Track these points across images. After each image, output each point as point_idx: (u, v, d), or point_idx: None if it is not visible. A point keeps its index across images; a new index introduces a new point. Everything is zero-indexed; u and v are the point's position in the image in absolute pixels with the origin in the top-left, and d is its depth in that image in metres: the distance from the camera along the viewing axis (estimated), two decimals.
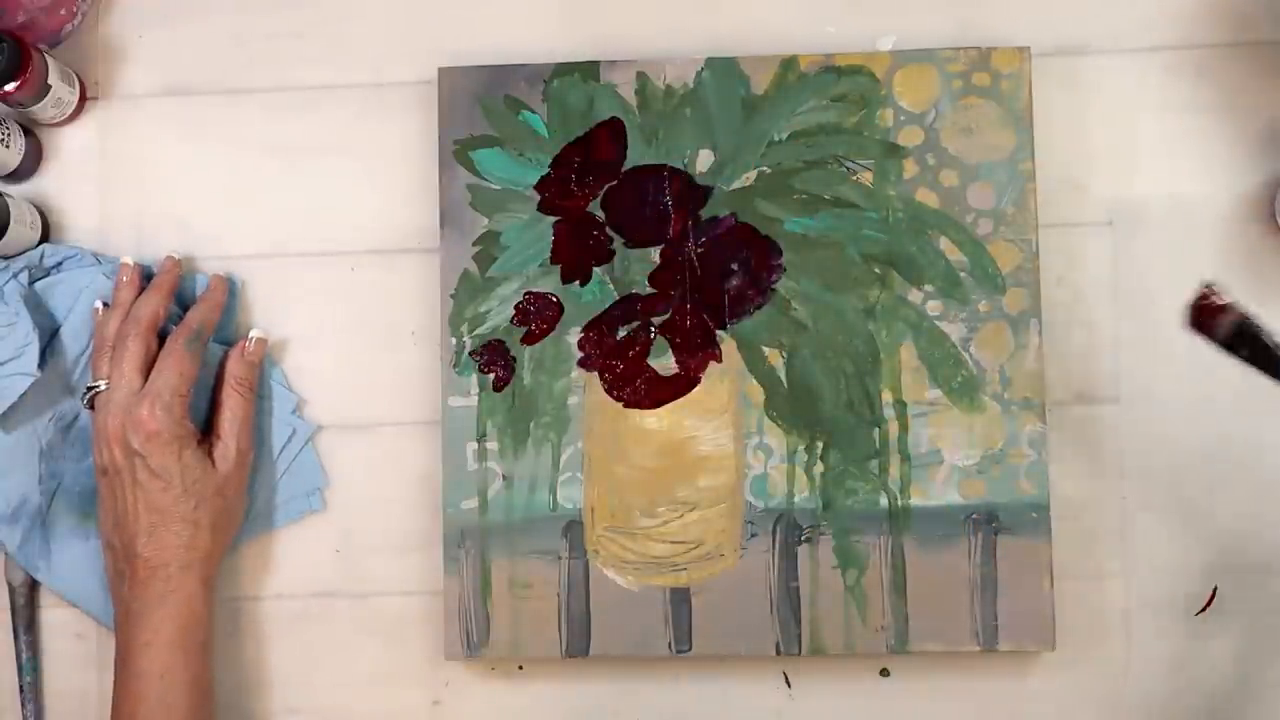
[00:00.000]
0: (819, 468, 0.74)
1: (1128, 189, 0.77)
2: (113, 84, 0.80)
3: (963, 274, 0.74)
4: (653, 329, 0.75)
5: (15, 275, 0.76)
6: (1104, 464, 0.75)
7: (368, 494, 0.78)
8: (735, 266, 0.75)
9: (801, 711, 0.76)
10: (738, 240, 0.75)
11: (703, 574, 0.74)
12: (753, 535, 0.74)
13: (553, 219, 0.76)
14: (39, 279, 0.77)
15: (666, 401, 0.75)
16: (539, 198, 0.76)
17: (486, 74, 0.76)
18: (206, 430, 0.75)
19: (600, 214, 0.76)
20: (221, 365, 0.76)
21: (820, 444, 0.74)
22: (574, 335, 0.75)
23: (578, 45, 0.78)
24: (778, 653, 0.73)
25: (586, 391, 0.75)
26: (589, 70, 0.76)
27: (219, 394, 0.75)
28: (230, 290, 0.78)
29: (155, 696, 0.70)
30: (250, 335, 0.76)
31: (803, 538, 0.74)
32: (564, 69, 0.76)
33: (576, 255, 0.76)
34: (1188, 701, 0.73)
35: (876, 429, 0.74)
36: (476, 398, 0.75)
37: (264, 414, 0.77)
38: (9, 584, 0.77)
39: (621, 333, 0.75)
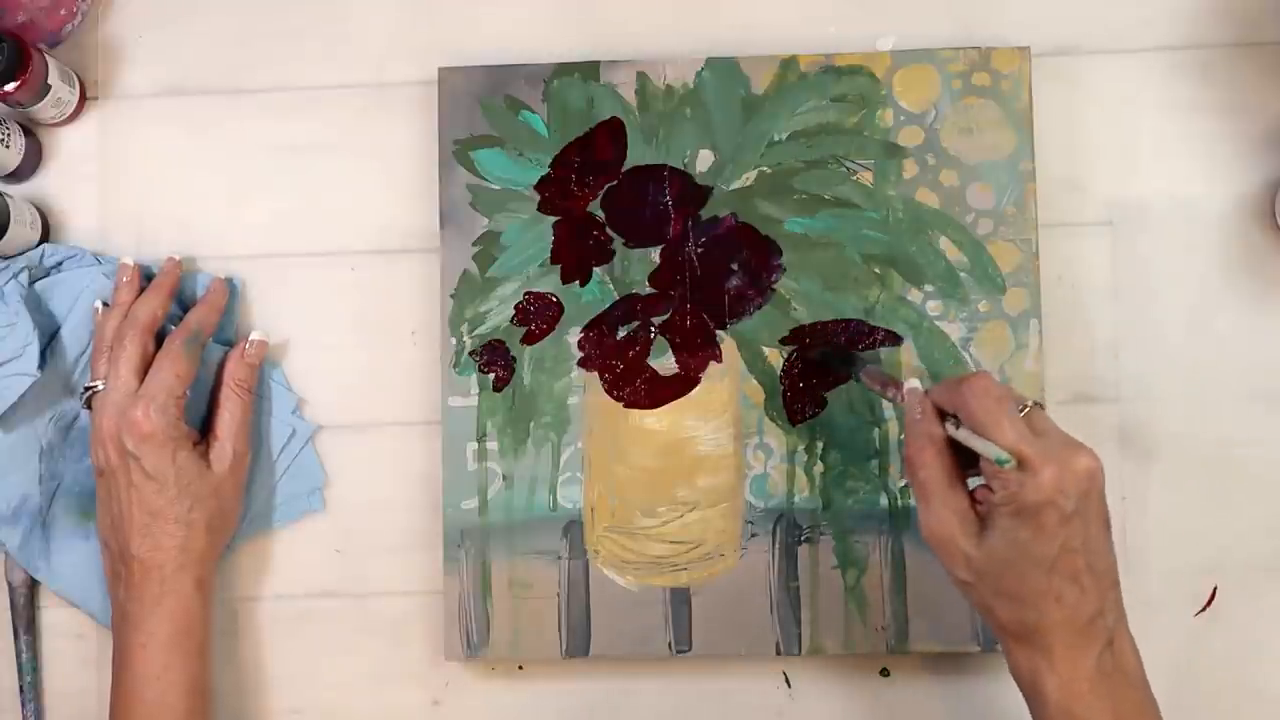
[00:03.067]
0: (819, 468, 0.74)
1: (1128, 189, 0.77)
2: (113, 84, 0.80)
3: (963, 274, 0.74)
4: (653, 329, 0.75)
5: (15, 275, 0.76)
6: (1103, 464, 0.75)
7: (368, 494, 0.78)
8: (735, 266, 0.75)
9: (801, 711, 0.76)
10: (738, 240, 0.75)
11: (703, 574, 0.74)
12: (753, 535, 0.74)
13: (553, 219, 0.76)
14: (39, 279, 0.77)
15: (666, 401, 0.75)
16: (539, 198, 0.76)
17: (486, 74, 0.76)
18: (206, 431, 0.75)
19: (600, 214, 0.76)
20: (221, 366, 0.76)
21: (820, 444, 0.74)
22: (574, 335, 0.75)
23: (578, 45, 0.78)
24: (778, 653, 0.73)
25: (586, 391, 0.75)
26: (589, 70, 0.76)
27: (218, 395, 0.75)
28: (230, 291, 0.78)
29: (152, 697, 0.70)
30: (250, 337, 0.76)
31: (803, 538, 0.74)
32: (564, 69, 0.76)
33: (576, 255, 0.76)
34: (1188, 701, 0.73)
35: (876, 429, 0.74)
36: (476, 398, 0.75)
37: (264, 414, 0.77)
38: (9, 584, 0.77)
39: (621, 333, 0.75)
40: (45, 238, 0.78)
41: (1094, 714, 0.59)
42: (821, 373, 0.74)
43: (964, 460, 0.62)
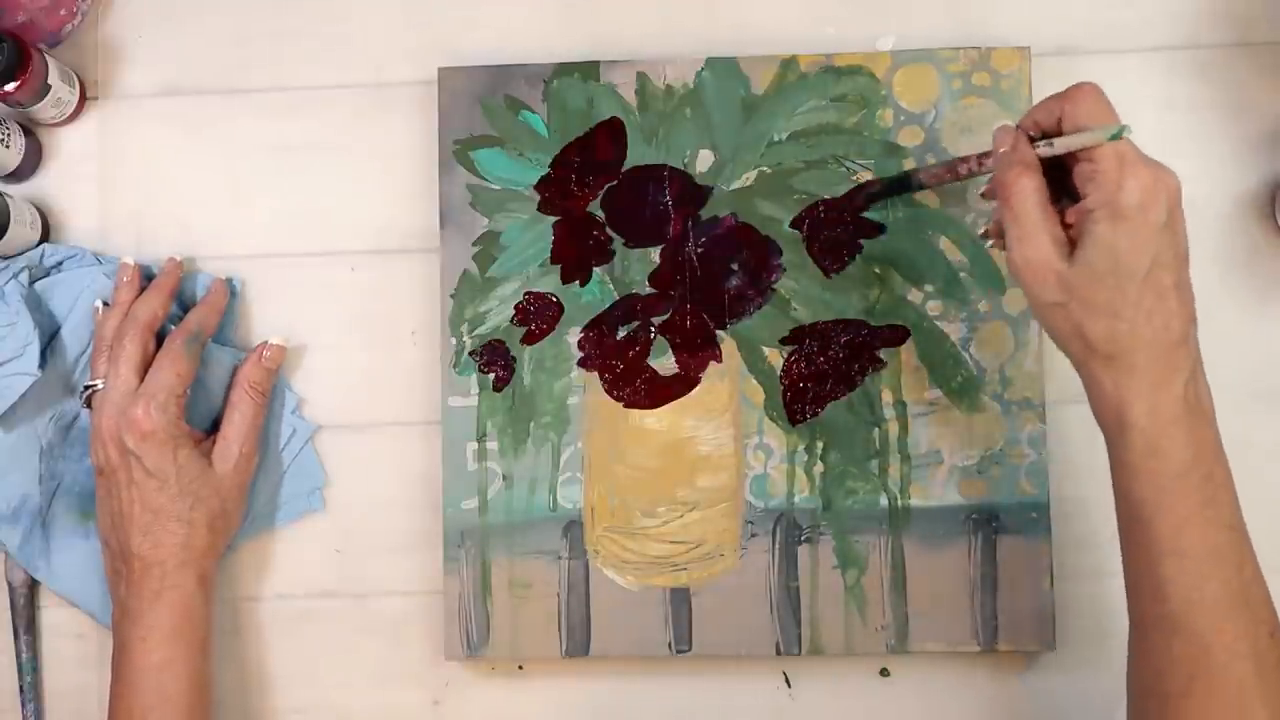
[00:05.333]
0: (819, 468, 0.74)
1: None
2: (113, 84, 0.80)
3: (963, 274, 0.74)
4: (653, 329, 0.75)
5: (15, 275, 0.76)
6: (1104, 464, 0.75)
7: (368, 494, 0.78)
8: (735, 266, 0.75)
9: (801, 711, 0.76)
10: (738, 240, 0.75)
11: (703, 574, 0.74)
12: (753, 535, 0.74)
13: (553, 219, 0.76)
14: (39, 279, 0.77)
15: (666, 401, 0.75)
16: (539, 198, 0.76)
17: (486, 74, 0.76)
18: (213, 431, 0.75)
19: (600, 214, 0.76)
20: (223, 365, 0.76)
21: (820, 444, 0.74)
22: (574, 335, 0.75)
23: (578, 45, 0.78)
24: (778, 653, 0.73)
25: (586, 391, 0.75)
26: (589, 70, 0.76)
27: (231, 396, 0.75)
28: (231, 292, 0.78)
29: (152, 688, 0.70)
30: (269, 340, 0.76)
31: (803, 538, 0.74)
32: (564, 69, 0.76)
33: (576, 255, 0.76)
34: None
35: (876, 429, 0.74)
36: (476, 398, 0.75)
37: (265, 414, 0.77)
38: (9, 584, 0.77)
39: (621, 333, 0.75)
40: (45, 238, 0.78)
41: (1177, 447, 0.59)
42: (821, 374, 0.74)
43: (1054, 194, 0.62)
